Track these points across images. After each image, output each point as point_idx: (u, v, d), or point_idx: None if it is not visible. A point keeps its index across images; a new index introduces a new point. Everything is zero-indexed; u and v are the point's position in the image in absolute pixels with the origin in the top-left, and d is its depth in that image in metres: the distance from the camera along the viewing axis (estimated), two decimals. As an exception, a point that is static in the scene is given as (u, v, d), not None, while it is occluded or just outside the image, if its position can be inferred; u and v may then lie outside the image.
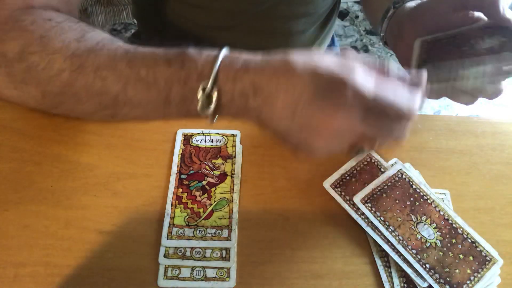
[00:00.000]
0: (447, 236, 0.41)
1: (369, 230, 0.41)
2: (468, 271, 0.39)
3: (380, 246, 0.40)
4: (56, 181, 0.44)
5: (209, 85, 0.27)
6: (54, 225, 0.41)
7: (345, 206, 0.43)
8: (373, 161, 0.47)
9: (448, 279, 0.38)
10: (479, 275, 0.39)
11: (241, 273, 0.39)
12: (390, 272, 0.39)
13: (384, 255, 0.40)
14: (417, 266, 0.38)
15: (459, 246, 0.40)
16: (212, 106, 0.28)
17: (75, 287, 0.38)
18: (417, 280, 0.38)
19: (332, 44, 0.76)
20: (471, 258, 0.40)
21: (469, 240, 0.40)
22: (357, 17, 1.78)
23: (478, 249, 0.40)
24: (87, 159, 0.45)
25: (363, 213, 0.42)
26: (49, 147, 0.46)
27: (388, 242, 0.40)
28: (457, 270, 0.39)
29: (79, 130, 0.47)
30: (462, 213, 0.42)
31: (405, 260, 0.39)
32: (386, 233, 0.40)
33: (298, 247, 0.41)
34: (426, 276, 0.38)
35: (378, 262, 0.40)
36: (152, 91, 0.29)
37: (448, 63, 0.39)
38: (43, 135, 0.47)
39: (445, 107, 1.50)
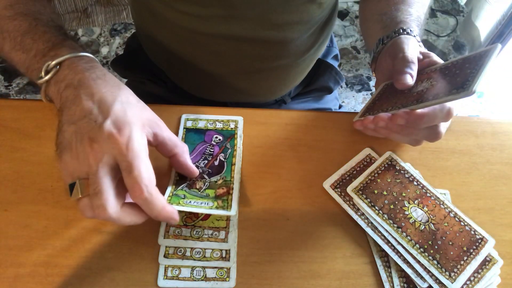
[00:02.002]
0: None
1: (369, 230, 0.41)
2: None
3: (380, 246, 0.40)
4: (56, 181, 0.44)
5: (42, 74, 0.39)
6: (54, 225, 0.41)
7: (345, 206, 0.43)
8: (372, 161, 0.47)
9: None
10: (479, 275, 0.39)
11: (241, 273, 0.39)
12: (390, 272, 0.39)
13: (384, 255, 0.40)
14: (416, 266, 0.38)
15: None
16: (43, 87, 0.40)
17: (75, 287, 0.38)
18: (417, 280, 0.38)
19: (331, 44, 0.76)
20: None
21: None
22: (357, 17, 1.78)
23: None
24: (87, 159, 0.45)
25: (363, 214, 0.42)
26: (49, 147, 0.46)
27: (388, 242, 0.40)
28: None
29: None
30: (462, 213, 0.42)
31: (405, 260, 0.39)
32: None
33: (298, 247, 0.41)
34: (426, 277, 0.38)
35: (378, 262, 0.40)
36: (22, 57, 0.42)
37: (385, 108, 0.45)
38: (43, 135, 0.47)
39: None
